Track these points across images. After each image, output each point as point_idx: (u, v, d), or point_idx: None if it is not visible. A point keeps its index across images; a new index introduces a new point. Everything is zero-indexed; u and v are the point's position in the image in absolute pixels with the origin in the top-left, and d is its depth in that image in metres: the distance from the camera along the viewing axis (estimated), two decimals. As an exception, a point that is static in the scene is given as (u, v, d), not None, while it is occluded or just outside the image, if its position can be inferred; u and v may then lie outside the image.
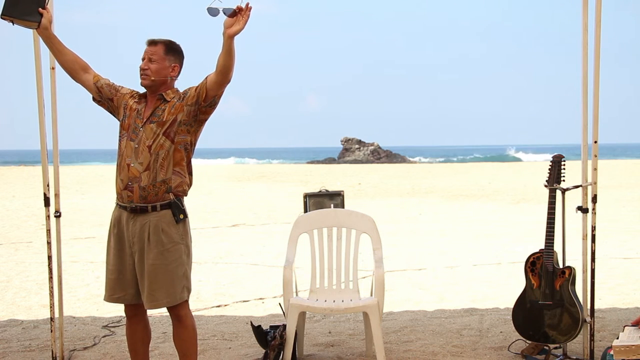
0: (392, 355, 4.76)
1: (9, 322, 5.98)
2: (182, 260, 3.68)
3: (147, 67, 3.68)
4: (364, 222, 4.89)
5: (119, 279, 3.72)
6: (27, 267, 8.91)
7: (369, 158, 51.86)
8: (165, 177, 3.63)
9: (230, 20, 3.41)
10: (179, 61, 3.75)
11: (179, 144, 3.65)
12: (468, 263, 9.02)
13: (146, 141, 3.62)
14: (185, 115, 3.65)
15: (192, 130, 3.68)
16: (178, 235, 3.67)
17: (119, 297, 3.75)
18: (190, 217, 3.82)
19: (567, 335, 4.51)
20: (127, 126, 3.71)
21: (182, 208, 3.68)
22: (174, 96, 3.70)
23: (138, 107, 3.72)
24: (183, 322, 3.74)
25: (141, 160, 3.61)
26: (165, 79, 3.70)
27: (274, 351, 4.39)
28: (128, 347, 3.94)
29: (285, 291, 4.64)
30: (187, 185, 3.75)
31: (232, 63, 3.51)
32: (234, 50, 3.48)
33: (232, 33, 3.42)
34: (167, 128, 3.63)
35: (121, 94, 3.80)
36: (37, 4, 3.63)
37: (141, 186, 3.61)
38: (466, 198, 19.07)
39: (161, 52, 3.68)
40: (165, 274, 3.63)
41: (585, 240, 4.55)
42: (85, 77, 3.80)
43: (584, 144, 4.52)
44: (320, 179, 26.67)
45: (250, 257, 9.74)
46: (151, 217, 3.63)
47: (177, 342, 3.79)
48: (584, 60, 4.47)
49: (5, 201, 18.49)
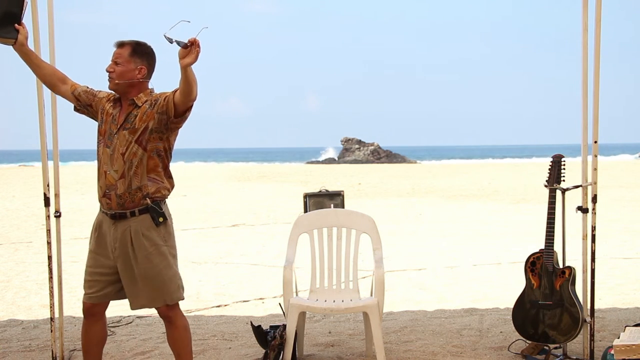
0: (392, 355, 4.76)
1: (9, 322, 5.98)
2: (168, 261, 3.69)
3: (112, 69, 3.67)
4: (364, 222, 4.89)
5: (92, 280, 3.76)
6: (27, 267, 8.92)
7: (369, 158, 51.88)
8: (140, 184, 3.62)
9: (184, 52, 3.41)
10: (146, 63, 3.71)
11: (151, 151, 3.64)
12: (468, 263, 9.03)
13: (120, 148, 3.62)
14: (156, 123, 3.62)
15: (164, 137, 3.67)
16: (160, 238, 3.67)
17: (90, 294, 3.79)
18: (191, 217, 3.83)
19: (567, 335, 4.50)
20: (103, 132, 3.71)
21: (161, 211, 3.67)
22: (146, 100, 3.68)
23: (113, 112, 3.71)
24: (175, 322, 3.75)
25: (116, 168, 3.62)
26: (132, 82, 3.67)
27: (274, 351, 4.39)
28: (82, 346, 3.91)
29: (285, 291, 4.64)
30: (167, 189, 3.73)
31: (191, 89, 3.51)
32: (192, 77, 3.47)
33: (183, 64, 3.42)
34: (139, 136, 3.62)
35: (98, 99, 3.80)
36: (13, 20, 3.62)
37: (117, 194, 3.62)
38: (466, 198, 19.07)
39: (126, 54, 3.66)
40: (156, 277, 3.64)
41: (585, 240, 4.55)
42: (64, 88, 3.82)
43: (584, 144, 4.52)
44: (320, 179, 26.67)
45: (250, 257, 9.74)
46: (131, 222, 3.64)
47: (171, 343, 3.80)
48: (584, 60, 4.47)
49: (5, 201, 18.50)
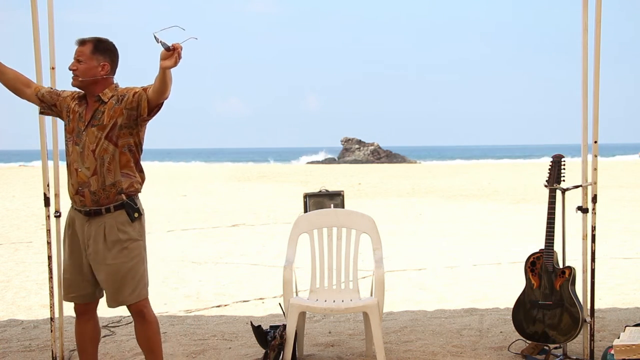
0: (392, 355, 4.76)
1: (9, 322, 5.98)
2: (142, 257, 3.72)
3: (75, 67, 3.68)
4: (364, 222, 4.89)
5: (72, 279, 3.76)
6: (27, 267, 8.92)
7: (369, 158, 51.88)
8: (114, 180, 3.64)
9: (166, 54, 3.43)
10: (109, 59, 3.72)
11: (122, 147, 3.65)
12: (468, 263, 9.03)
13: (90, 145, 3.63)
14: (125, 119, 3.64)
15: (134, 133, 3.69)
16: (136, 233, 3.70)
17: (73, 296, 3.79)
18: (191, 217, 3.84)
19: (567, 335, 4.50)
20: (71, 130, 3.72)
21: (136, 207, 3.69)
22: (112, 95, 3.69)
23: (79, 109, 3.72)
24: (146, 318, 3.75)
25: (87, 165, 3.63)
26: (95, 79, 3.68)
27: (274, 351, 4.39)
28: (77, 345, 3.94)
29: (285, 291, 4.64)
30: (139, 183, 3.76)
31: (165, 88, 3.54)
32: (169, 78, 3.50)
33: (163, 66, 3.45)
34: (108, 132, 3.63)
35: (62, 98, 3.81)
36: None
37: (91, 191, 3.62)
38: (466, 198, 19.06)
39: (88, 51, 3.67)
40: (128, 272, 3.65)
41: (585, 240, 4.55)
42: (29, 92, 3.84)
43: (584, 144, 4.53)
44: (320, 179, 26.67)
45: (250, 257, 9.74)
46: (106, 218, 3.65)
47: (141, 339, 3.80)
48: (584, 60, 4.47)
49: (5, 201, 18.50)
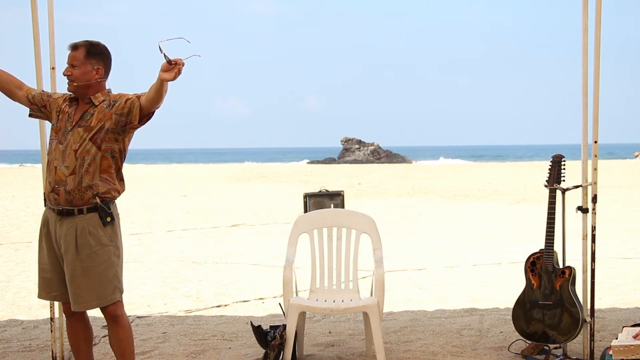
0: (392, 355, 4.76)
1: (9, 322, 5.98)
2: (112, 261, 3.69)
3: (70, 72, 3.69)
4: (364, 222, 4.89)
5: (53, 278, 3.75)
6: (27, 267, 8.90)
7: (369, 158, 51.87)
8: (91, 182, 3.62)
9: (167, 66, 3.44)
10: (102, 62, 3.73)
11: (105, 151, 3.65)
12: (468, 263, 9.02)
13: (73, 145, 3.63)
14: (113, 123, 3.64)
15: (120, 139, 3.68)
16: (106, 238, 3.67)
17: (56, 295, 3.79)
18: (191, 217, 3.84)
19: (567, 335, 4.50)
20: (57, 129, 3.72)
21: (109, 211, 3.67)
22: (103, 99, 3.70)
23: (69, 110, 3.73)
24: (119, 322, 3.74)
25: (67, 164, 3.62)
26: (90, 83, 3.69)
27: (274, 351, 4.39)
28: (71, 347, 3.94)
29: (285, 291, 4.64)
30: (117, 191, 3.74)
31: (159, 98, 3.56)
32: (164, 90, 3.53)
33: (161, 78, 3.47)
34: (94, 134, 3.63)
35: (53, 99, 3.82)
36: None
37: (67, 190, 3.61)
38: (466, 198, 19.06)
39: (81, 56, 3.68)
40: (94, 276, 3.63)
41: (585, 240, 4.55)
42: (20, 94, 3.84)
43: (584, 144, 4.52)
44: (320, 179, 26.66)
45: (250, 257, 9.74)
46: (77, 220, 3.63)
47: (113, 343, 3.79)
48: (584, 60, 4.47)
49: (5, 201, 18.49)
